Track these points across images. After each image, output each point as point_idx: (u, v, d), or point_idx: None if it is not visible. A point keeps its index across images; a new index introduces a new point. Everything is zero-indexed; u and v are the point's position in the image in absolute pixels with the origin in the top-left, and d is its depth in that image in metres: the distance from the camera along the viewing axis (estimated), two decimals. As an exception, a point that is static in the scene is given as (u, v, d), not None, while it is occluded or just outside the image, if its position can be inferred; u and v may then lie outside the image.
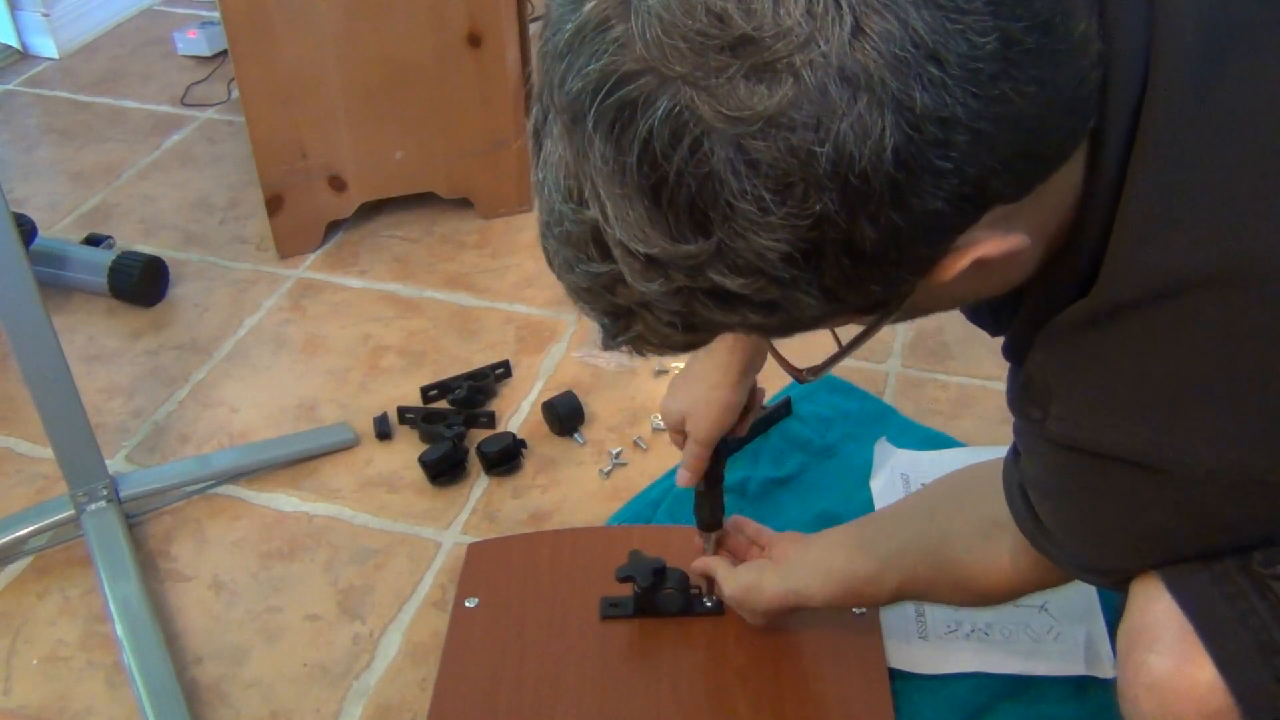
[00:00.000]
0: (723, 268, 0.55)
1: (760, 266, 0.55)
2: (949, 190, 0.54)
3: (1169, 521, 0.67)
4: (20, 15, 2.54)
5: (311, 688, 1.22)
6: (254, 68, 1.72)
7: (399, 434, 1.54)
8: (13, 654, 1.27)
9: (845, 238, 0.54)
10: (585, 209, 0.57)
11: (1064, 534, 0.76)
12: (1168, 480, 0.64)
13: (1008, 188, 0.57)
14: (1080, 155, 0.62)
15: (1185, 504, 0.65)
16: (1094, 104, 0.60)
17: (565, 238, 0.60)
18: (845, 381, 1.59)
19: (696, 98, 0.51)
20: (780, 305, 0.57)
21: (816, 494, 1.41)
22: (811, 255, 0.54)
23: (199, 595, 1.33)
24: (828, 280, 0.56)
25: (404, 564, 1.36)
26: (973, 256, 0.58)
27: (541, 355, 1.67)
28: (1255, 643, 0.65)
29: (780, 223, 0.53)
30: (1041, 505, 0.77)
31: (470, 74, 1.82)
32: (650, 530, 1.34)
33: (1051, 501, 0.75)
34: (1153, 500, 0.66)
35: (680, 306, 0.58)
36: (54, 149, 2.23)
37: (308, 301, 1.80)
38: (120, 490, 1.38)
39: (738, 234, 0.53)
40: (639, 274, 0.57)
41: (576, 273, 0.61)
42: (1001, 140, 0.54)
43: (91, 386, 1.62)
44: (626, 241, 0.56)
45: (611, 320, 0.63)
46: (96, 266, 1.78)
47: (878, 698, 1.14)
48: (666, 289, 0.57)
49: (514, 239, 1.93)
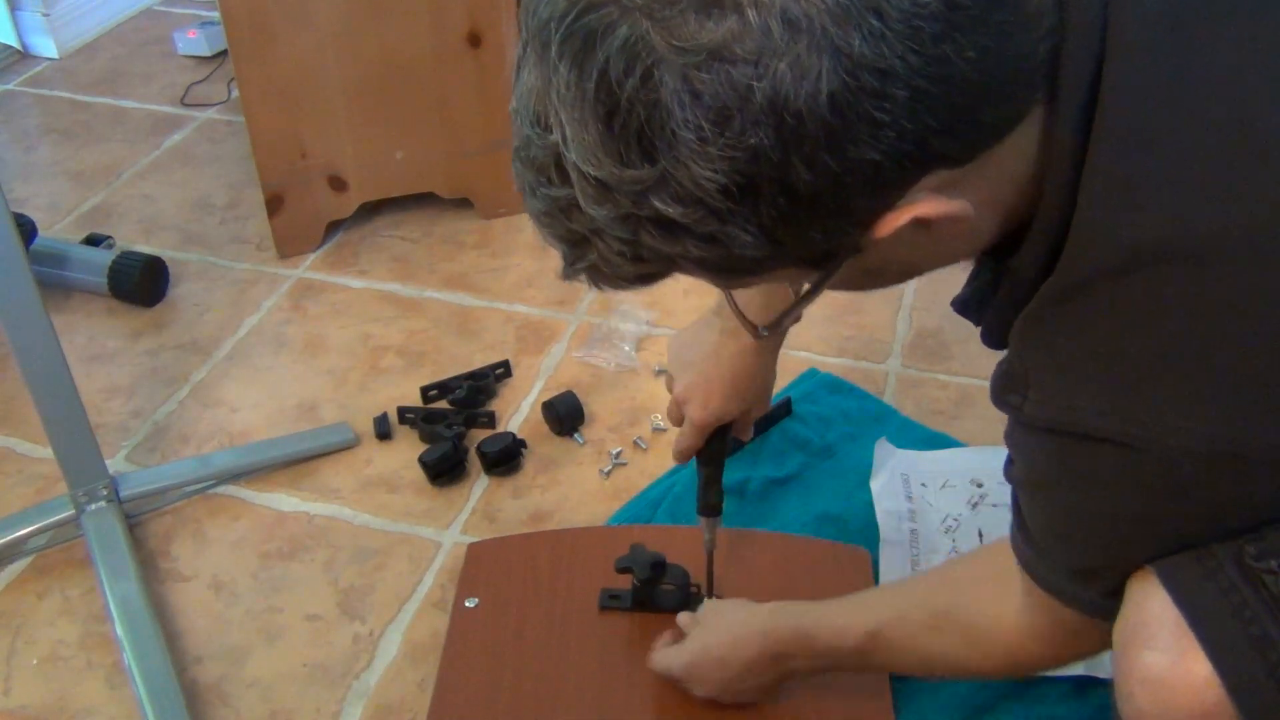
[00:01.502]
0: (665, 196, 0.57)
1: (700, 196, 0.57)
2: (887, 144, 0.56)
3: (1148, 506, 0.67)
4: (20, 15, 2.54)
5: (311, 688, 1.22)
6: (254, 67, 1.72)
7: (399, 434, 1.54)
8: (13, 654, 1.27)
9: (780, 176, 0.56)
10: (549, 134, 0.60)
11: (1047, 534, 0.75)
12: (1143, 458, 0.64)
13: (950, 150, 0.59)
14: (1033, 128, 0.63)
15: (1162, 485, 0.65)
16: (1043, 76, 0.61)
17: (530, 161, 0.62)
18: (845, 381, 1.59)
19: (651, 29, 0.54)
20: (719, 239, 0.59)
21: (816, 494, 1.41)
22: (747, 190, 0.56)
23: (199, 595, 1.33)
24: (764, 218, 0.58)
25: (404, 564, 1.36)
26: (911, 214, 0.60)
27: (541, 355, 1.67)
28: (1248, 636, 0.65)
29: (718, 154, 0.55)
30: (1028, 506, 0.76)
31: (470, 74, 1.82)
32: (650, 530, 1.34)
33: (1035, 498, 0.75)
34: (1130, 482, 0.66)
35: (628, 234, 0.60)
36: (54, 149, 2.23)
37: (308, 301, 1.80)
38: (120, 490, 1.38)
39: (680, 162, 0.56)
40: (591, 198, 0.59)
41: (538, 196, 0.63)
42: (941, 101, 0.56)
43: (91, 386, 1.62)
44: (580, 164, 0.58)
45: (569, 247, 0.65)
46: (96, 266, 1.78)
47: (878, 698, 1.14)
48: (615, 214, 0.59)
49: (514, 239, 1.93)
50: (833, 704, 1.13)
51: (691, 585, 1.22)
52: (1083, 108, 0.62)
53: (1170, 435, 0.62)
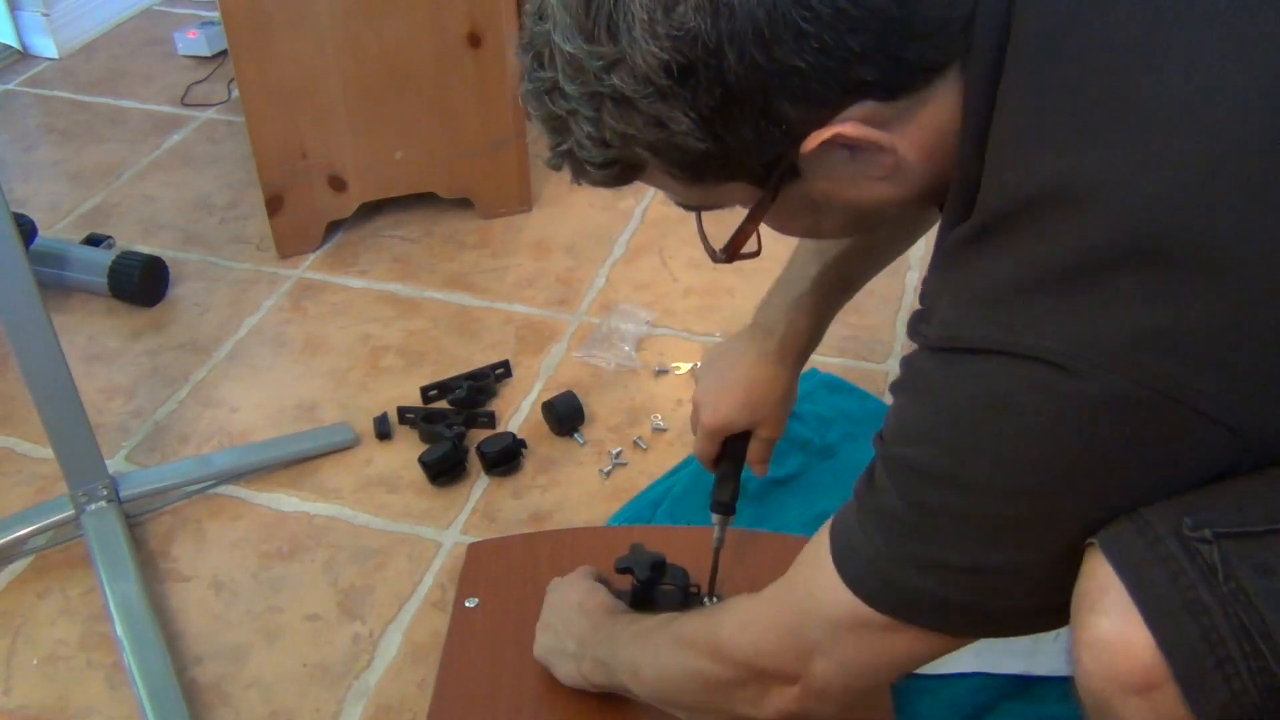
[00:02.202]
0: (623, 73, 0.67)
1: (648, 74, 0.67)
2: (811, 55, 0.65)
3: (1038, 434, 0.69)
4: (20, 15, 2.54)
5: (311, 688, 1.22)
6: (254, 68, 1.72)
7: (399, 434, 1.54)
8: (13, 654, 1.27)
9: (715, 63, 0.66)
10: (543, 23, 0.71)
11: (944, 459, 0.73)
12: (1018, 365, 0.68)
13: (872, 78, 0.67)
14: (955, 86, 0.71)
15: (1037, 396, 0.68)
16: (960, 31, 0.69)
17: (528, 48, 0.73)
18: (845, 381, 1.59)
19: None
20: (664, 122, 0.68)
21: (816, 494, 1.41)
22: (687, 72, 0.66)
23: (199, 595, 1.33)
24: (702, 106, 0.68)
25: (404, 564, 1.36)
26: (835, 130, 0.69)
27: (541, 355, 1.67)
28: (1183, 602, 0.67)
29: (664, 33, 0.65)
30: (919, 449, 0.75)
31: (470, 74, 1.82)
32: (650, 530, 1.34)
33: (932, 435, 0.74)
34: (1022, 402, 0.68)
35: (593, 112, 0.70)
36: (54, 149, 2.23)
37: (308, 301, 1.80)
38: (120, 490, 1.38)
39: (635, 41, 0.66)
40: (566, 75, 0.70)
41: (531, 80, 0.73)
42: (861, 25, 0.65)
43: (91, 386, 1.62)
44: (560, 44, 0.69)
45: (550, 132, 0.74)
46: (96, 266, 1.78)
47: (878, 698, 1.14)
48: (583, 91, 0.69)
49: (514, 239, 1.93)
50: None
51: (691, 585, 1.22)
52: (991, 67, 0.69)
53: (1039, 341, 0.67)
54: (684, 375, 1.63)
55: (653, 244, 1.91)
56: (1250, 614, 0.66)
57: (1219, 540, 0.68)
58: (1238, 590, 0.67)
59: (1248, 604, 0.67)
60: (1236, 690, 0.67)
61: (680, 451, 1.49)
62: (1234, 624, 0.67)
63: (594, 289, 1.81)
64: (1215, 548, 0.68)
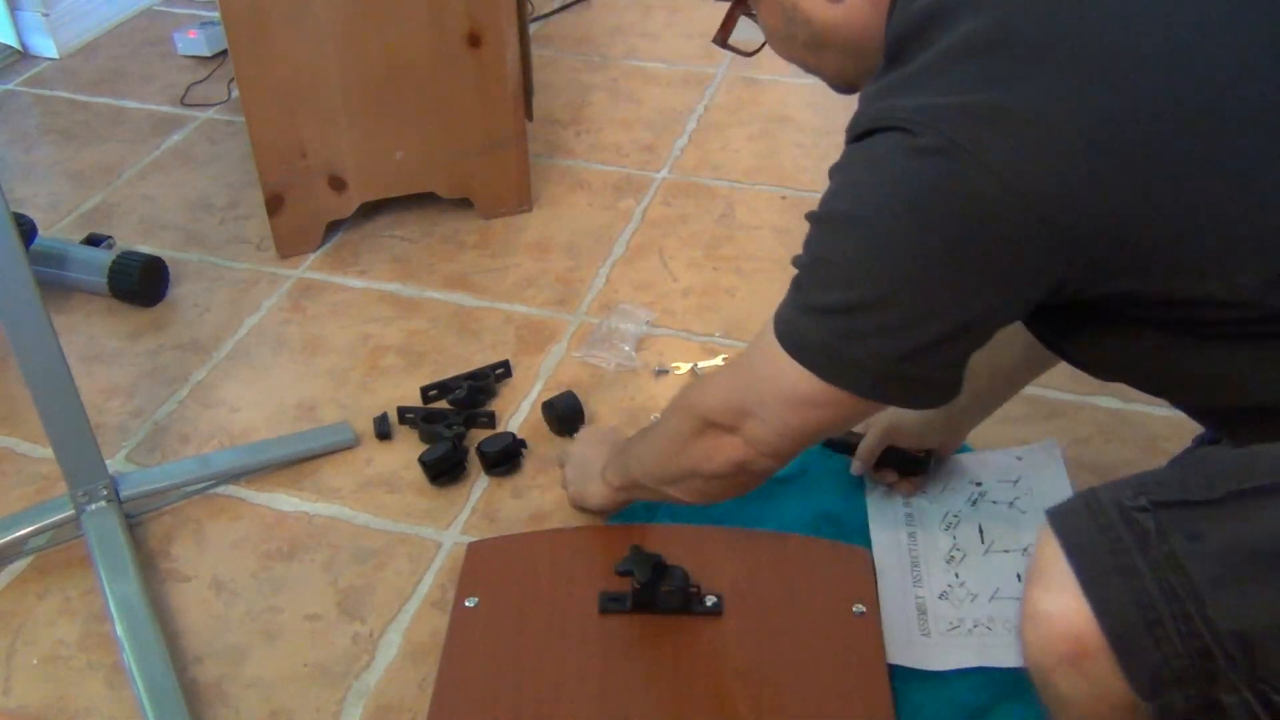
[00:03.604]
0: None
1: None
2: None
3: (890, 181, 0.83)
4: (20, 15, 2.54)
5: (311, 688, 1.22)
6: (254, 68, 1.72)
7: (399, 434, 1.54)
8: (13, 654, 1.27)
9: None
10: None
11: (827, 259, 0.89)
12: (891, 137, 0.83)
13: None
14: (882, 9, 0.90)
15: None
16: None
17: None
18: (845, 381, 1.59)
19: None
20: None
21: (817, 494, 1.41)
22: None
23: (199, 595, 1.33)
24: None
25: (404, 564, 1.36)
26: None
27: (541, 355, 1.67)
28: (1116, 566, 0.72)
29: None
30: (820, 207, 0.89)
31: (470, 74, 1.82)
32: (650, 529, 1.34)
33: (829, 194, 0.89)
34: (883, 155, 0.84)
35: None
36: (54, 149, 2.23)
37: (308, 301, 1.80)
38: (120, 490, 1.38)
39: None
40: None
41: None
42: None
43: (91, 386, 1.62)
44: None
45: None
46: (96, 266, 1.78)
47: (878, 697, 1.14)
48: None
49: (514, 239, 1.93)
50: (833, 704, 1.14)
51: (691, 585, 1.22)
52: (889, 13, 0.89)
53: (896, 113, 0.83)
54: (684, 375, 1.63)
55: (653, 244, 1.91)
56: (1179, 577, 0.70)
57: (1156, 509, 0.73)
58: (1169, 554, 0.71)
59: (1177, 567, 0.71)
60: (1167, 653, 0.71)
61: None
62: (1164, 587, 0.71)
63: (594, 289, 1.81)
64: (1152, 516, 0.73)
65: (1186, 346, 0.85)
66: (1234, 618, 0.69)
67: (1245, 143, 0.79)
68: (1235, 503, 0.72)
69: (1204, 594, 0.70)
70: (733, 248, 1.89)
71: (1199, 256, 0.80)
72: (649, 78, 2.44)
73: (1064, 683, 0.76)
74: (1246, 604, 0.69)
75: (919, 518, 1.37)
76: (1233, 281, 0.79)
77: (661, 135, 2.22)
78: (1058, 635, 0.74)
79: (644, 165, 2.13)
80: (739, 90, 2.38)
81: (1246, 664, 0.69)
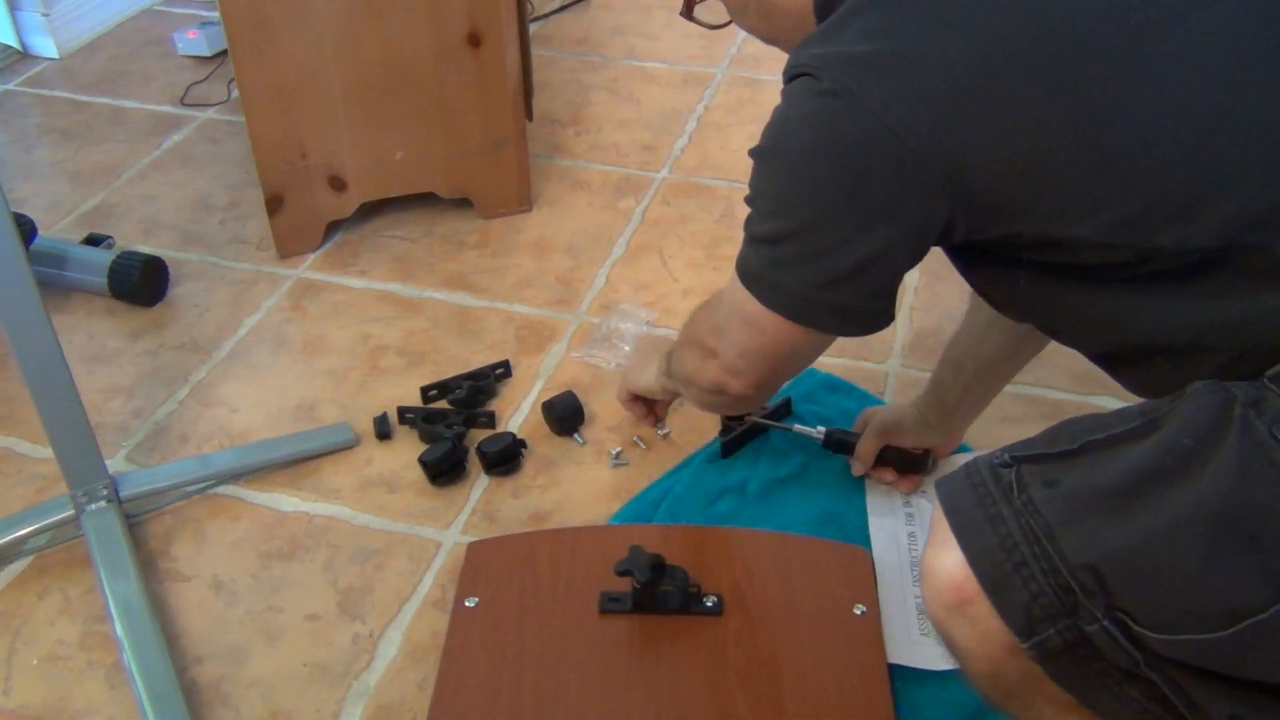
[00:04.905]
0: None
1: None
2: None
3: (798, 120, 0.90)
4: (20, 15, 2.54)
5: (311, 688, 1.22)
6: (254, 68, 1.72)
7: (399, 434, 1.54)
8: (13, 654, 1.27)
9: None
10: None
11: (771, 203, 0.95)
12: (803, 82, 0.89)
13: None
14: None
15: None
16: None
17: None
18: (845, 381, 1.59)
19: None
20: None
21: (817, 494, 1.41)
22: None
23: (199, 595, 1.33)
24: None
25: (404, 564, 1.36)
26: None
27: (541, 355, 1.67)
28: (986, 516, 0.80)
29: None
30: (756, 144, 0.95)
31: (470, 74, 1.83)
32: (650, 529, 1.35)
33: (763, 133, 0.94)
34: (796, 98, 0.90)
35: None
36: (54, 149, 2.23)
37: (308, 301, 1.80)
38: (120, 490, 1.38)
39: None
40: None
41: None
42: None
43: (91, 386, 1.62)
44: None
45: None
46: (96, 266, 1.78)
47: (878, 697, 1.14)
48: None
49: (514, 239, 1.93)
50: (833, 704, 1.14)
51: (691, 585, 1.22)
52: None
53: (807, 60, 0.90)
54: (684, 375, 1.63)
55: (653, 244, 1.91)
56: (1037, 519, 0.78)
57: (1018, 463, 0.81)
58: (1029, 501, 0.79)
59: (1034, 512, 0.78)
60: (1034, 591, 0.78)
61: (680, 451, 1.49)
62: (1025, 530, 0.78)
63: (594, 289, 1.81)
64: (1014, 470, 0.81)
65: (1077, 289, 0.89)
66: (1084, 552, 0.76)
67: (1101, 84, 0.81)
68: (1090, 453, 0.80)
69: (1057, 533, 0.77)
70: (733, 248, 1.88)
71: (1062, 197, 0.83)
72: (649, 78, 2.44)
73: (956, 631, 0.83)
74: (1095, 538, 0.76)
75: (919, 517, 1.37)
76: (1098, 221, 0.82)
77: (661, 135, 2.22)
78: (943, 586, 0.82)
79: (644, 165, 2.13)
80: (739, 90, 2.38)
81: (1102, 595, 0.75)
